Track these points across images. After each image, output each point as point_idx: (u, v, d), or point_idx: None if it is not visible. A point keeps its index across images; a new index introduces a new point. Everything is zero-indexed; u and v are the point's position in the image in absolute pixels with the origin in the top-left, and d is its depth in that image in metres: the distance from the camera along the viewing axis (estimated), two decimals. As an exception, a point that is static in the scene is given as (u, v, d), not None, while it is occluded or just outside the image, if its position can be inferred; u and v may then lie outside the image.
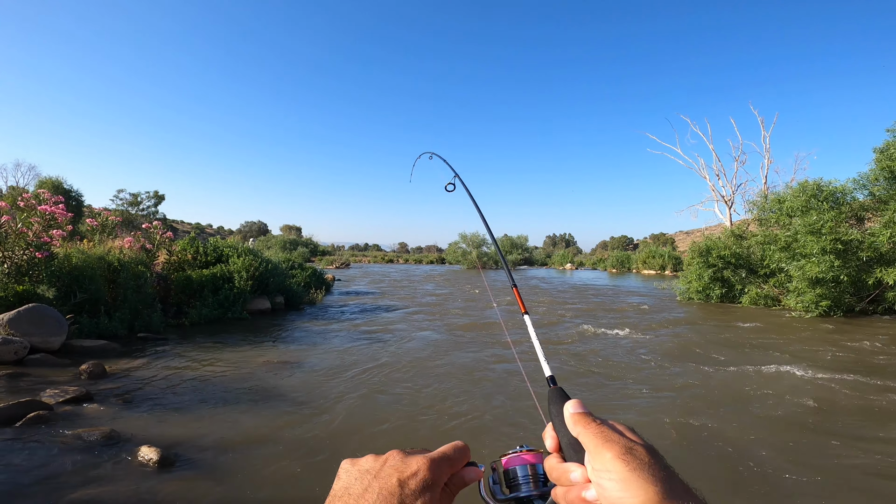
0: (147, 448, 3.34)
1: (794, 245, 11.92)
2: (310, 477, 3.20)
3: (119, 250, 8.81)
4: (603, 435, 0.49)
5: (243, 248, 11.91)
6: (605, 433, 0.50)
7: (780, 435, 4.04)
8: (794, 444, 3.86)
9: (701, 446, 3.84)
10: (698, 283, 14.92)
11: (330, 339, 8.13)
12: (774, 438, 3.96)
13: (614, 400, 5.10)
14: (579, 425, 0.52)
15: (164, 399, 4.68)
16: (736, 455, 3.63)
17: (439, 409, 4.67)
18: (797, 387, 5.42)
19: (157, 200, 37.94)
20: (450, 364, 6.47)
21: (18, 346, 5.62)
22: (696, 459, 3.61)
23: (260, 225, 72.48)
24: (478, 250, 43.90)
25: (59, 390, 4.52)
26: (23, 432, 3.62)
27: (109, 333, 7.34)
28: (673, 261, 36.60)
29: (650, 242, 60.40)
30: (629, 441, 0.48)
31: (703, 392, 5.28)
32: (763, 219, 14.43)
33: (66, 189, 26.56)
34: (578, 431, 0.52)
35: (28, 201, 7.74)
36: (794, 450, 3.74)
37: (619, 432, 0.50)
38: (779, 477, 3.29)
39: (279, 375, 5.71)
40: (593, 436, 0.50)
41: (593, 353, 7.23)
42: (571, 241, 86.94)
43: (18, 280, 6.90)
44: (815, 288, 11.28)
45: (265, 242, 41.33)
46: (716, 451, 3.73)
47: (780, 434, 4.06)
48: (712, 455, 3.66)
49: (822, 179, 12.33)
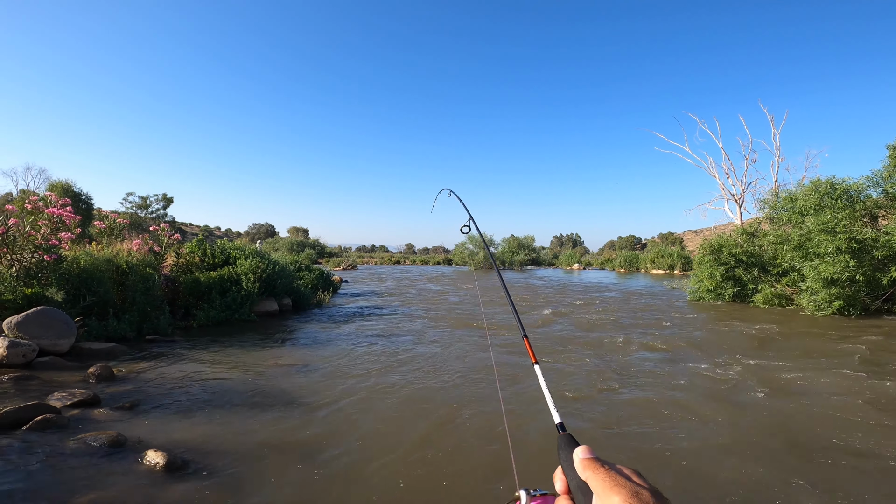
0: (154, 452, 3.29)
1: (808, 244, 11.72)
2: (319, 481, 3.14)
3: (127, 253, 8.82)
4: (611, 479, 0.52)
5: (250, 249, 11.90)
6: (613, 478, 0.52)
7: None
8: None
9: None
10: (709, 282, 14.73)
11: (338, 341, 8.08)
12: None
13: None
14: (588, 470, 0.56)
15: (171, 402, 4.64)
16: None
17: (451, 414, 4.59)
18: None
19: (165, 203, 38.19)
20: (461, 367, 6.40)
21: (27, 348, 5.61)
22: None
23: (267, 227, 72.78)
24: (484, 251, 43.81)
25: (66, 393, 4.49)
26: (30, 436, 3.58)
27: (118, 336, 7.33)
28: (682, 260, 36.30)
29: (658, 242, 59.95)
30: (635, 486, 0.51)
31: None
32: (775, 217, 14.23)
33: (75, 192, 26.82)
34: (587, 476, 0.55)
35: (35, 204, 7.76)
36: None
37: (627, 477, 0.53)
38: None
39: (288, 378, 5.66)
40: (601, 480, 0.53)
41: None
42: (578, 241, 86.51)
43: (27, 283, 6.90)
44: (829, 287, 11.09)
45: (273, 244, 41.51)
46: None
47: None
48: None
49: (836, 177, 12.14)
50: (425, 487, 3.12)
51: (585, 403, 4.89)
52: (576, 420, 4.43)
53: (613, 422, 4.38)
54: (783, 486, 3.16)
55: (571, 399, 5.02)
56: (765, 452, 3.68)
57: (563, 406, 4.74)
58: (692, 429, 4.17)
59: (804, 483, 3.18)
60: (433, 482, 3.19)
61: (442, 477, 3.26)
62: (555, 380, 5.73)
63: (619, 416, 4.50)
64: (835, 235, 10.95)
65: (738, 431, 4.12)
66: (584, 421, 4.41)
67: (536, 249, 52.58)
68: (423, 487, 3.12)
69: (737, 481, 3.22)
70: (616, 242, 74.89)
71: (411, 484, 3.15)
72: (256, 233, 69.66)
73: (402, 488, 3.10)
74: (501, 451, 3.67)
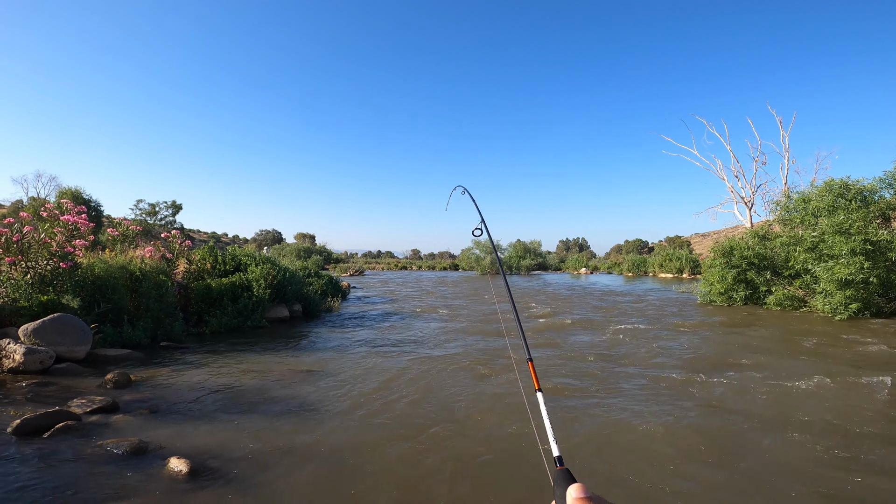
0: (176, 459, 3.27)
1: (822, 246, 11.61)
2: (339, 487, 3.11)
3: (140, 260, 8.86)
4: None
5: (261, 256, 11.93)
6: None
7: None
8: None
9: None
10: (721, 285, 14.60)
11: (351, 347, 8.06)
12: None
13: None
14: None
15: (189, 408, 4.63)
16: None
17: (465, 421, 4.56)
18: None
19: (174, 210, 38.46)
20: (479, 376, 6.36)
21: (44, 355, 5.63)
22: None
23: (274, 233, 73.14)
24: (491, 256, 43.76)
25: (85, 400, 4.50)
26: (52, 443, 3.58)
27: (133, 342, 7.35)
28: (690, 264, 36.10)
29: (666, 245, 59.68)
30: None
31: None
32: (786, 219, 14.11)
33: (85, 199, 27.03)
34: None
35: (51, 211, 7.81)
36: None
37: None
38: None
39: (303, 384, 5.64)
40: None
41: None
42: (585, 245, 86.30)
43: (42, 290, 6.94)
44: (843, 290, 10.96)
45: (280, 251, 41.61)
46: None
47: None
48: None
49: (849, 178, 12.03)
50: (439, 493, 3.08)
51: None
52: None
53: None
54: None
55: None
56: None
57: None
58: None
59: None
60: (454, 489, 3.15)
61: (462, 487, 3.22)
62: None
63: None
64: (849, 237, 10.85)
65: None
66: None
67: (543, 254, 52.47)
68: (437, 493, 3.08)
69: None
70: (623, 246, 74.60)
71: (427, 489, 3.12)
72: (263, 239, 69.99)
73: (419, 492, 3.06)
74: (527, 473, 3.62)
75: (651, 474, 3.35)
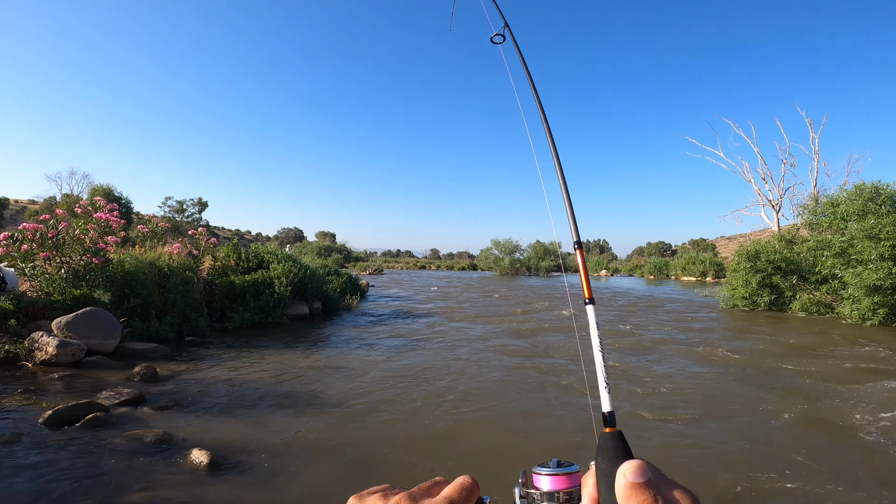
0: (198, 451, 3.40)
1: (851, 250, 11.30)
2: (357, 483, 3.18)
3: (168, 256, 9.13)
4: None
5: (283, 254, 12.16)
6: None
7: None
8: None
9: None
10: (745, 290, 14.31)
11: (369, 344, 8.18)
12: None
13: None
14: (633, 501, 0.40)
15: (212, 402, 4.78)
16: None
17: (480, 419, 4.60)
18: None
19: (200, 207, 39.39)
20: (493, 375, 6.39)
21: (76, 348, 5.87)
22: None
23: (296, 231, 74.17)
24: (510, 257, 43.57)
25: (113, 392, 4.69)
26: (82, 433, 3.76)
27: (159, 337, 7.60)
28: (714, 267, 35.40)
29: (689, 248, 58.57)
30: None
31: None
32: (814, 223, 13.76)
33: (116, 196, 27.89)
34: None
35: (85, 208, 8.13)
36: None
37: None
38: None
39: (322, 380, 5.76)
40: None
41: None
42: (606, 247, 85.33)
43: (75, 284, 7.22)
44: (872, 295, 10.66)
45: (301, 249, 42.19)
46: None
47: None
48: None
49: (880, 182, 11.66)
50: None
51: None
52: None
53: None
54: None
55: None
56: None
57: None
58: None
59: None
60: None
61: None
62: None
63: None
64: (878, 242, 10.54)
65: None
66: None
67: (563, 255, 52.02)
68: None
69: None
70: (645, 248, 73.52)
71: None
72: (285, 237, 71.04)
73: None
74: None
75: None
